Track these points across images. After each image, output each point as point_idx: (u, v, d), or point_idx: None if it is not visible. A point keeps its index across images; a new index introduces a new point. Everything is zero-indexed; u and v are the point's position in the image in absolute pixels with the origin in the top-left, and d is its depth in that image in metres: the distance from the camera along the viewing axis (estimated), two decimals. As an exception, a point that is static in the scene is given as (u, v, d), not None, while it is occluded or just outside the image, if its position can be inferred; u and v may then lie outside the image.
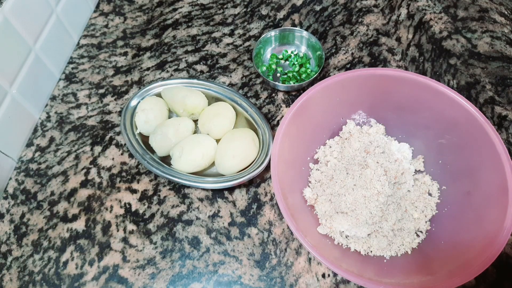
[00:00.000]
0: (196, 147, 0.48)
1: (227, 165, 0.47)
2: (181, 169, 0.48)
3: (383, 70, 0.46)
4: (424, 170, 0.49)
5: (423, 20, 0.59)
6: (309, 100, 0.45)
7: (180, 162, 0.47)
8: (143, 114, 0.51)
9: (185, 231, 0.47)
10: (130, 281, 0.44)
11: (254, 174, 0.47)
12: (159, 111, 0.52)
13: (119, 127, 0.53)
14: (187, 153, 0.47)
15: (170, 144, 0.49)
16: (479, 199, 0.42)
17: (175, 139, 0.49)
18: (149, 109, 0.51)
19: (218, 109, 0.51)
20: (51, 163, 0.52)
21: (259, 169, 0.47)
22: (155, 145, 0.49)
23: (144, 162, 0.48)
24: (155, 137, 0.49)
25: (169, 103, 0.53)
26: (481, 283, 0.43)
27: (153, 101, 0.52)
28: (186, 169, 0.48)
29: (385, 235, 0.44)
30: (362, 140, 0.50)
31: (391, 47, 0.62)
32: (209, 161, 0.49)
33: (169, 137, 0.49)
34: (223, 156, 0.47)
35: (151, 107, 0.51)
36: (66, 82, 0.60)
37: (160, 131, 0.49)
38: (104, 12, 0.68)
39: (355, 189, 0.45)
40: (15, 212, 0.49)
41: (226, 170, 0.47)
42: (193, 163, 0.48)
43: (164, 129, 0.49)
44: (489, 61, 0.54)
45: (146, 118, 0.51)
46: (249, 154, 0.47)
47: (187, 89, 0.53)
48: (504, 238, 0.37)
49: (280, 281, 0.44)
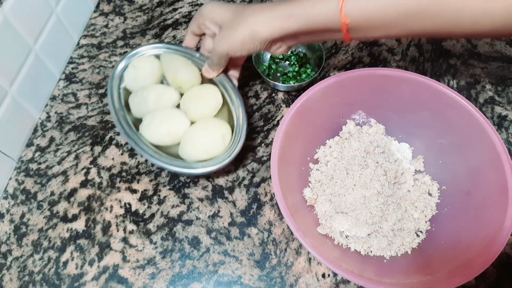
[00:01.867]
0: (166, 122, 0.46)
1: (187, 151, 0.45)
2: (145, 137, 0.46)
3: (383, 70, 0.46)
4: (424, 170, 0.49)
5: (423, 20, 0.59)
6: (309, 100, 0.45)
7: (146, 130, 0.46)
8: (133, 71, 0.50)
9: (185, 231, 0.47)
10: (130, 281, 0.44)
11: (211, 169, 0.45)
12: (150, 73, 0.50)
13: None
14: (156, 125, 0.46)
15: (147, 109, 0.48)
16: (479, 199, 0.42)
17: (153, 106, 0.48)
18: (140, 68, 0.50)
19: (204, 92, 0.49)
20: (51, 163, 0.52)
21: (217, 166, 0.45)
22: (132, 104, 0.48)
23: (115, 117, 0.47)
24: (135, 96, 0.48)
25: (164, 69, 0.51)
26: (481, 283, 0.43)
27: (148, 61, 0.51)
28: (150, 139, 0.46)
29: (385, 235, 0.44)
30: (362, 140, 0.50)
31: (391, 47, 0.62)
32: (175, 139, 0.47)
33: (148, 101, 0.47)
34: (187, 141, 0.46)
35: (143, 66, 0.50)
36: (66, 82, 0.60)
37: (141, 92, 0.48)
38: (104, 12, 0.68)
39: (355, 189, 0.45)
40: (15, 212, 0.49)
41: (184, 154, 0.46)
42: (158, 136, 0.46)
43: (146, 92, 0.48)
44: (489, 61, 0.54)
45: (134, 75, 0.49)
46: (212, 149, 0.45)
47: (184, 61, 0.51)
48: (504, 238, 0.37)
49: (280, 281, 0.44)
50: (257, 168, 0.52)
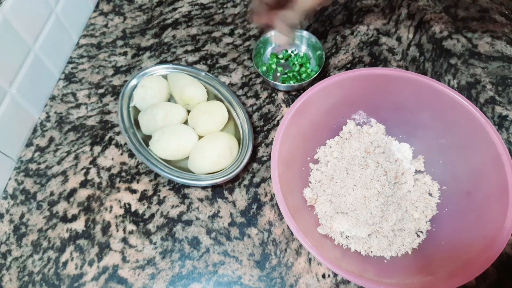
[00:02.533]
0: (175, 137, 0.48)
1: (196, 164, 0.47)
2: (155, 152, 0.49)
3: (383, 70, 0.46)
4: (424, 170, 0.49)
5: (423, 20, 0.59)
6: (309, 100, 0.45)
7: (156, 146, 0.48)
8: (142, 90, 0.52)
9: (185, 231, 0.47)
10: (129, 281, 0.44)
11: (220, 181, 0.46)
12: (158, 92, 0.53)
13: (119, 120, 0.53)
14: (165, 140, 0.48)
15: (156, 126, 0.50)
16: (480, 199, 0.42)
17: (162, 123, 0.50)
18: (149, 87, 0.52)
19: (211, 107, 0.51)
20: (51, 163, 0.52)
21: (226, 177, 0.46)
22: (142, 122, 0.51)
23: (125, 134, 0.49)
24: (144, 114, 0.51)
25: (171, 87, 0.54)
26: (482, 283, 0.43)
27: (156, 80, 0.53)
28: (160, 154, 0.48)
29: (386, 235, 0.44)
30: (362, 140, 0.50)
31: (391, 47, 0.62)
32: (184, 154, 0.49)
33: (157, 119, 0.50)
34: (196, 154, 0.48)
35: (152, 85, 0.52)
36: (66, 82, 0.60)
37: (150, 110, 0.50)
38: (104, 12, 0.68)
39: (355, 189, 0.45)
40: (14, 212, 0.49)
41: (194, 168, 0.48)
42: (168, 151, 0.48)
43: (155, 110, 0.50)
44: (489, 61, 0.54)
45: (144, 95, 0.52)
46: (221, 161, 0.47)
47: (190, 79, 0.53)
48: (504, 238, 0.37)
49: (280, 281, 0.44)
50: (257, 168, 0.52)
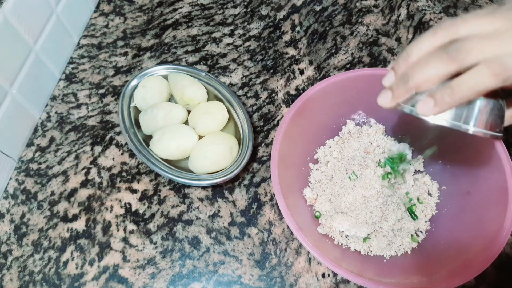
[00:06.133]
0: (175, 137, 0.48)
1: (196, 164, 0.47)
2: (156, 152, 0.49)
3: (383, 70, 0.46)
4: (424, 170, 0.49)
5: (423, 20, 0.59)
6: (309, 100, 0.45)
7: (156, 146, 0.48)
8: (142, 90, 0.52)
9: (185, 231, 0.47)
10: (130, 281, 0.44)
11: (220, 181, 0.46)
12: (159, 92, 0.53)
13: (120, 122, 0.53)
14: (166, 140, 0.48)
15: (156, 126, 0.50)
16: (479, 199, 0.42)
17: (162, 123, 0.50)
18: (149, 87, 0.52)
19: (211, 108, 0.51)
20: (51, 163, 0.52)
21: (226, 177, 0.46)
22: (142, 122, 0.51)
23: (126, 134, 0.49)
24: (144, 114, 0.51)
25: (171, 88, 0.54)
26: (481, 283, 0.43)
27: (157, 81, 0.53)
28: (160, 154, 0.48)
29: (385, 235, 0.44)
30: (362, 140, 0.50)
31: (391, 47, 0.62)
32: (184, 153, 0.49)
33: (157, 119, 0.50)
34: (196, 154, 0.48)
35: (152, 86, 0.53)
36: (66, 82, 0.60)
37: (151, 110, 0.51)
38: (104, 12, 0.68)
39: (355, 189, 0.45)
40: (15, 212, 0.49)
41: (194, 167, 0.48)
42: (168, 151, 0.48)
43: (155, 110, 0.50)
44: (489, 61, 0.54)
45: (144, 95, 0.52)
46: (221, 161, 0.47)
47: (191, 80, 0.53)
48: (504, 238, 0.37)
49: (280, 281, 0.44)
50: (257, 168, 0.52)
